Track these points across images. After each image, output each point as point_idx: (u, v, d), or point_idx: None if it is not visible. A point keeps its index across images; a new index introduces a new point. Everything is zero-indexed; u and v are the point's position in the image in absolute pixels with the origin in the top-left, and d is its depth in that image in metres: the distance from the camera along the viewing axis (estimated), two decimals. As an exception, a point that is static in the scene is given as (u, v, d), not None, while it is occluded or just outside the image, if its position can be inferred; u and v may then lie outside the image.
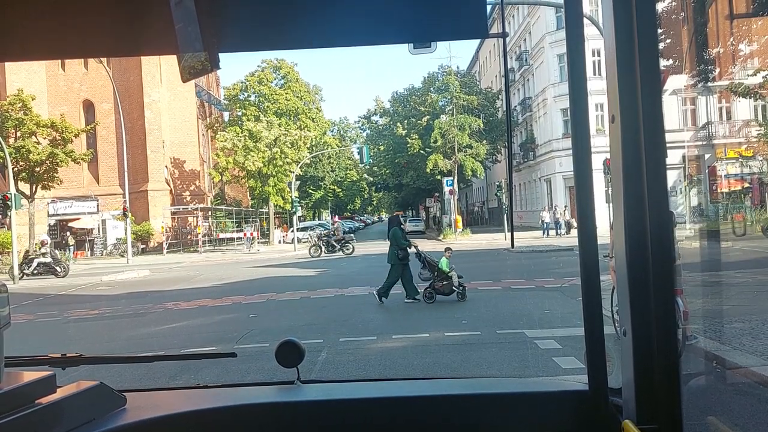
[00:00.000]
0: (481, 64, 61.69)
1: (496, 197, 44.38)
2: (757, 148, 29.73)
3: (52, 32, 1.32)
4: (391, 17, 1.32)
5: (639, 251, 1.29)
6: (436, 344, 8.38)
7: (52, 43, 1.35)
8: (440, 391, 1.82)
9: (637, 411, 1.31)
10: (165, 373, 6.98)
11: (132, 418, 1.59)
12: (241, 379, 6.62)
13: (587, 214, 1.40)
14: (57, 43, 1.36)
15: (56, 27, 1.32)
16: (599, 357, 1.43)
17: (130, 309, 14.13)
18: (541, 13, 38.94)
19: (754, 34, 22.23)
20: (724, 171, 31.32)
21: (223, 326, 11.08)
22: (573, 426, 1.57)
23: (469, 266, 19.76)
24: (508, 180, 33.93)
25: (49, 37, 1.33)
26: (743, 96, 26.35)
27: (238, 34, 1.31)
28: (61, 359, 1.71)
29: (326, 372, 7.07)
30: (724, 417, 4.71)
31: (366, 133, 59.02)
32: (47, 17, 1.29)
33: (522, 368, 6.87)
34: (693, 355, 6.70)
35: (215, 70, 1.32)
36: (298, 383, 1.82)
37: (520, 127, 47.06)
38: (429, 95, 44.68)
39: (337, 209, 78.60)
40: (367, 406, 1.68)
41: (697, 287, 10.12)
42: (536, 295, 12.32)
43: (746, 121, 31.91)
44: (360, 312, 11.69)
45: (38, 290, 19.62)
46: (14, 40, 1.33)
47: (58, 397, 1.51)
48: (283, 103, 48.96)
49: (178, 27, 1.21)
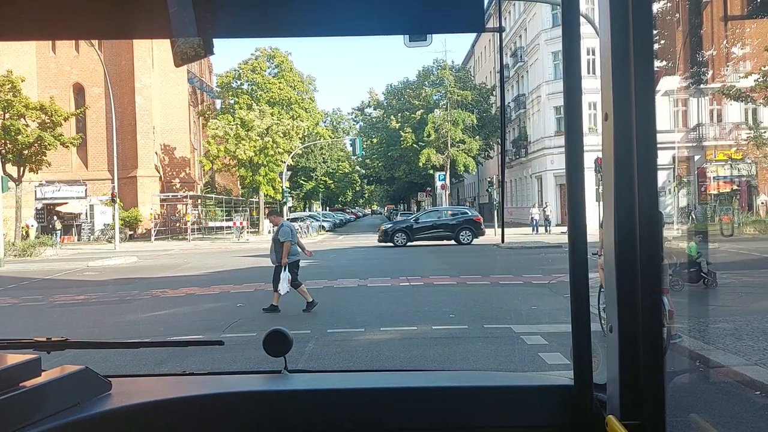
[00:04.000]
0: (476, 59, 61.61)
1: (487, 193, 44.48)
2: (746, 151, 29.95)
3: (44, 12, 1.30)
4: (387, 8, 1.32)
5: (628, 250, 1.30)
6: (423, 337, 8.41)
7: (43, 23, 1.33)
8: (426, 383, 1.83)
9: (621, 407, 1.32)
10: (151, 359, 6.97)
11: (117, 404, 1.58)
12: (227, 367, 6.61)
13: (578, 212, 1.40)
14: (48, 24, 1.34)
15: (48, 7, 1.30)
16: (585, 353, 1.44)
17: (116, 295, 14.08)
18: (537, 9, 38.91)
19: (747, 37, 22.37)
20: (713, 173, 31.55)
21: (210, 315, 11.06)
22: (557, 420, 1.58)
23: (459, 261, 19.85)
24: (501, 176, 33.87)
25: (40, 17, 1.32)
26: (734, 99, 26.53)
27: (233, 20, 1.30)
28: (46, 343, 1.70)
29: (313, 362, 7.08)
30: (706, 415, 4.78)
31: (359, 125, 59.01)
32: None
33: (508, 363, 6.90)
34: (677, 353, 6.77)
35: (209, 56, 1.31)
36: (285, 372, 1.82)
37: (513, 124, 47.10)
38: (423, 89, 44.69)
39: (329, 201, 78.53)
40: (353, 397, 1.69)
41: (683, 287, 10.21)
42: (524, 291, 12.39)
43: (736, 124, 32.11)
44: (348, 304, 11.70)
45: (23, 274, 19.49)
46: (3, 19, 1.31)
47: (43, 380, 1.50)
48: (276, 93, 48.75)
49: (172, 11, 1.20)
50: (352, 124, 66.78)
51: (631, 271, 1.29)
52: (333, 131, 66.40)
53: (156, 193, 41.17)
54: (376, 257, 22.28)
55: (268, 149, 40.33)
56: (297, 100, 50.58)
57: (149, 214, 38.79)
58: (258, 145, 40.10)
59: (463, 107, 42.06)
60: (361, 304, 11.64)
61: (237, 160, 41.08)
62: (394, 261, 20.75)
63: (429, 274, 15.61)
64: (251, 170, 41.36)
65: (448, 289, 13.22)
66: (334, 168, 64.47)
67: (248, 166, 41.16)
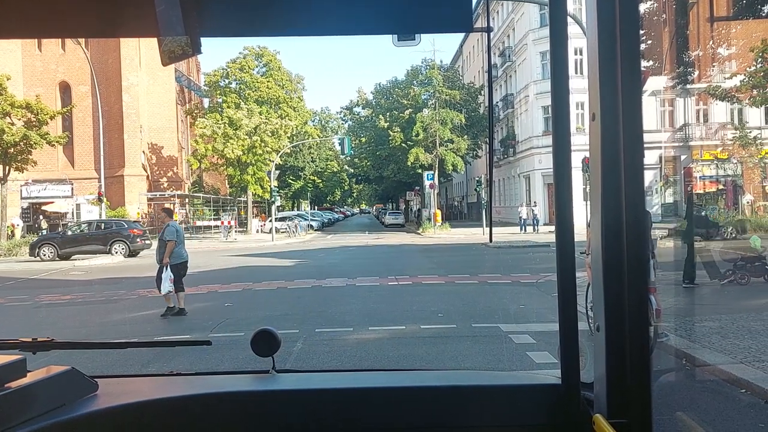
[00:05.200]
0: (464, 59, 61.72)
1: (475, 192, 44.57)
2: (732, 151, 30.25)
3: (29, 10, 1.29)
4: (375, 8, 1.32)
5: (615, 249, 1.30)
6: (411, 336, 8.42)
7: (30, 21, 1.32)
8: (415, 382, 1.83)
9: (608, 405, 1.33)
10: (138, 360, 6.92)
11: (103, 404, 1.57)
12: (215, 367, 6.58)
13: (565, 212, 1.41)
14: (34, 22, 1.33)
15: (34, 5, 1.29)
16: (573, 352, 1.44)
17: (103, 295, 13.97)
18: (525, 9, 39.03)
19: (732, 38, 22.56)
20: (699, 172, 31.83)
21: (198, 314, 11.00)
22: (545, 419, 1.59)
23: (448, 260, 19.89)
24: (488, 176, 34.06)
25: (27, 15, 1.30)
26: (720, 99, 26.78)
27: (221, 19, 1.30)
28: (31, 343, 1.69)
29: (302, 362, 7.06)
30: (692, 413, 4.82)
31: (348, 124, 58.82)
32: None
33: (496, 362, 6.92)
34: (664, 352, 6.82)
35: (196, 55, 1.30)
36: (273, 372, 1.81)
37: (501, 124, 47.23)
38: (412, 88, 44.67)
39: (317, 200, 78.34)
40: (341, 396, 1.68)
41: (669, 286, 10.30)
42: (512, 290, 12.42)
43: (722, 124, 32.41)
44: (337, 303, 11.68)
45: (9, 274, 19.31)
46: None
47: (28, 381, 1.49)
48: (264, 92, 48.53)
49: (159, 9, 1.19)
50: (340, 123, 66.60)
51: (618, 271, 1.30)
52: (321, 130, 66.23)
53: (143, 193, 40.91)
54: (364, 256, 22.26)
55: (256, 148, 40.18)
56: (285, 99, 50.38)
57: (136, 213, 38.53)
58: (246, 144, 39.94)
59: (452, 107, 42.12)
60: (350, 303, 11.63)
61: (225, 159, 40.89)
62: (382, 260, 20.76)
63: (417, 274, 15.62)
64: (239, 169, 41.19)
65: (436, 289, 13.25)
66: (322, 167, 64.31)
67: (236, 165, 40.99)
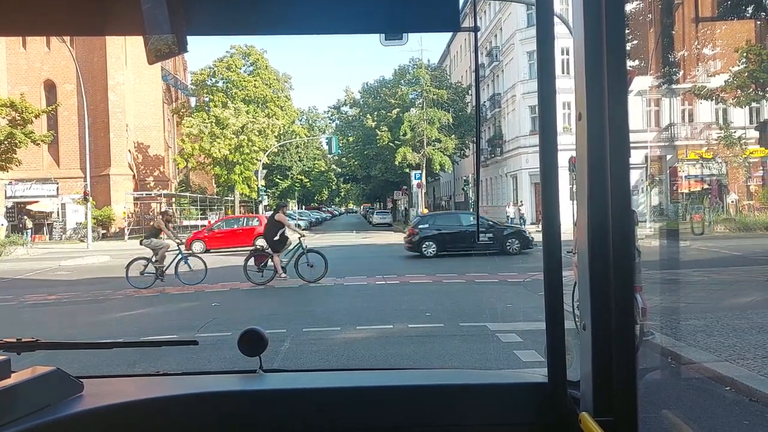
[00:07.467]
0: (452, 58, 61.83)
1: (463, 191, 44.70)
2: (717, 151, 30.54)
3: (13, 7, 1.27)
4: (363, 7, 1.32)
5: (601, 248, 1.31)
6: (399, 336, 8.42)
7: (13, 19, 1.31)
8: (402, 381, 1.83)
9: (594, 403, 1.34)
10: (124, 360, 6.87)
11: (89, 405, 1.55)
12: (202, 367, 6.55)
13: (552, 211, 1.41)
14: (19, 20, 1.31)
15: (18, 3, 1.27)
16: (559, 350, 1.45)
17: (89, 295, 13.85)
18: (512, 9, 39.17)
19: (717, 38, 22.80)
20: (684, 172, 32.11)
21: (184, 314, 10.95)
22: (532, 417, 1.59)
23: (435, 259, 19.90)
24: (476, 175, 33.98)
25: (11, 13, 1.29)
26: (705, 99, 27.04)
27: (207, 18, 1.29)
28: (16, 344, 1.67)
29: (289, 361, 7.05)
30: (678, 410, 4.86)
31: (335, 123, 58.71)
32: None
33: (483, 361, 6.95)
34: (649, 350, 6.87)
35: (183, 53, 1.29)
36: (261, 372, 1.81)
37: (488, 123, 47.38)
38: (399, 88, 44.69)
39: (305, 199, 78.19)
40: (329, 396, 1.68)
41: (655, 284, 10.39)
42: (499, 289, 12.46)
43: (707, 124, 32.72)
44: (324, 302, 11.67)
45: (-7, 274, 19.09)
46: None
47: (12, 382, 1.47)
48: (251, 91, 48.33)
49: (145, 8, 1.18)
50: (328, 122, 66.41)
51: (604, 269, 1.31)
52: (309, 129, 66.09)
53: (129, 192, 40.62)
54: (352, 256, 22.24)
55: (244, 147, 40.05)
56: (272, 98, 50.20)
57: (122, 213, 38.26)
58: (233, 143, 39.78)
59: (439, 106, 42.21)
60: (338, 302, 11.62)
61: (212, 159, 40.72)
62: (370, 260, 20.76)
63: (405, 273, 15.64)
64: (226, 168, 41.03)
65: (424, 288, 13.27)
66: (309, 166, 64.19)
67: (223, 165, 40.83)
